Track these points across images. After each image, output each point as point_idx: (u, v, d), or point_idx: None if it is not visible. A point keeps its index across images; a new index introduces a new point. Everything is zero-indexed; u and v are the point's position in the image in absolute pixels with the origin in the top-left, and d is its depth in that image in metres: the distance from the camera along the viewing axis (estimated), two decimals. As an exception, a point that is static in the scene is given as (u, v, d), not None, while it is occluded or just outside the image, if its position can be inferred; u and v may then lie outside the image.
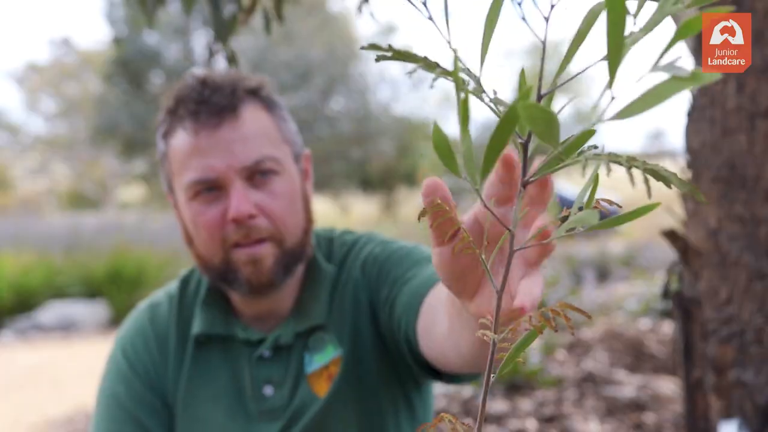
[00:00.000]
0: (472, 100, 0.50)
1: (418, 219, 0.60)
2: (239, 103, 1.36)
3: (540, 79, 0.53)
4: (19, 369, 6.61)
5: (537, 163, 0.56)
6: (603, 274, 8.15)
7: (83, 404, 5.16)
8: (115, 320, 8.64)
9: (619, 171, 0.53)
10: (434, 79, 0.52)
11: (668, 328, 4.47)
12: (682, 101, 1.97)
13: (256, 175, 1.34)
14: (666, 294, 2.09)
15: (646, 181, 0.49)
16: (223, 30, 2.07)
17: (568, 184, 19.12)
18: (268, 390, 1.41)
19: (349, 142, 20.47)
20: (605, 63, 0.46)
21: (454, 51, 0.50)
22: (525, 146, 0.54)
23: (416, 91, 23.08)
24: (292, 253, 1.38)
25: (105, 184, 27.57)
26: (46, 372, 6.43)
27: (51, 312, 8.66)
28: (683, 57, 0.43)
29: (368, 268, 1.44)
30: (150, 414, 1.43)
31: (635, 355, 4.05)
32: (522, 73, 0.50)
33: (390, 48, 0.53)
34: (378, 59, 0.54)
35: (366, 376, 1.40)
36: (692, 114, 1.92)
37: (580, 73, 0.52)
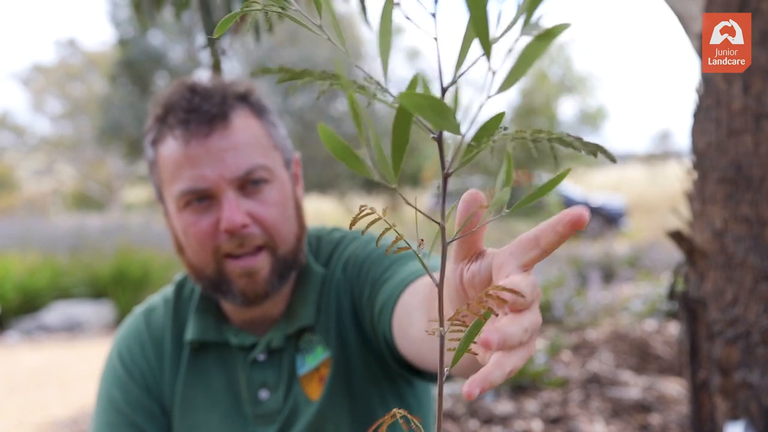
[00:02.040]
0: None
1: (350, 226, 0.59)
2: (229, 111, 1.34)
3: (440, 75, 0.52)
4: (24, 370, 6.62)
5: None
6: (608, 275, 8.13)
7: (88, 405, 5.16)
8: (121, 321, 8.65)
9: (623, 173, 0.53)
10: (322, 91, 0.52)
11: (674, 329, 4.46)
12: (688, 102, 1.97)
13: (248, 184, 1.33)
14: (672, 295, 2.09)
15: (552, 149, 0.51)
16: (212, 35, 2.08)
17: (573, 185, 19.10)
18: (264, 394, 1.41)
19: (354, 143, 20.46)
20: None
21: (340, 59, 0.50)
22: (438, 140, 0.54)
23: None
24: (286, 261, 1.38)
25: (110, 185, 27.64)
26: (51, 373, 6.44)
27: (56, 313, 8.67)
28: (542, 18, 0.45)
29: (349, 269, 1.43)
30: (147, 418, 1.43)
31: (641, 356, 4.04)
32: (413, 79, 0.50)
33: (281, 69, 0.53)
34: (279, 82, 0.53)
35: (355, 377, 1.40)
36: (698, 115, 1.92)
37: (470, 66, 0.52)
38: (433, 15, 0.51)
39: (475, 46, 0.52)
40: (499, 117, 0.51)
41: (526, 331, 0.55)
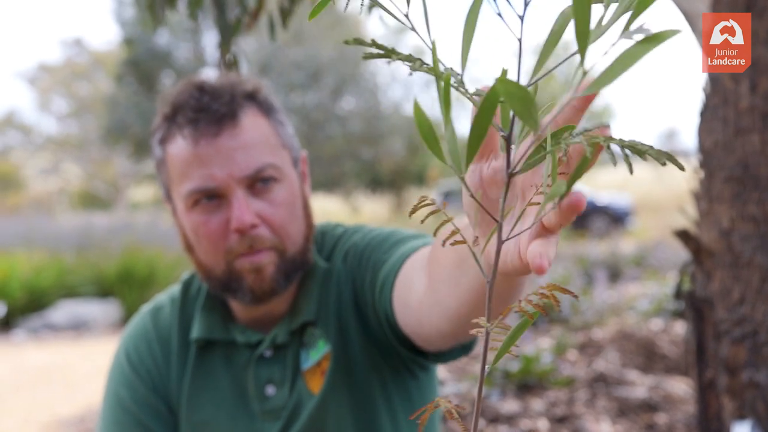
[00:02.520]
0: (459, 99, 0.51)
1: (409, 215, 0.60)
2: (238, 110, 1.34)
3: (518, 76, 0.53)
4: (31, 368, 6.64)
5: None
6: (614, 274, 8.12)
7: (94, 404, 5.17)
8: (127, 320, 8.67)
9: (629, 172, 0.54)
10: (413, 70, 0.53)
11: (680, 328, 4.45)
12: (695, 100, 1.97)
13: (257, 183, 1.33)
14: (678, 294, 2.08)
15: (627, 157, 0.51)
16: (227, 33, 2.08)
17: (586, 187, 19.04)
18: (270, 390, 1.42)
19: (359, 141, 20.49)
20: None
21: (432, 45, 0.50)
22: (508, 139, 0.54)
23: (428, 90, 23.06)
24: (293, 262, 1.38)
25: (116, 184, 27.70)
26: (57, 371, 6.46)
27: (62, 311, 8.69)
28: (646, 24, 0.46)
29: (349, 259, 1.43)
30: (154, 417, 1.43)
31: (647, 356, 4.03)
32: (504, 70, 0.50)
33: (374, 43, 0.53)
34: (365, 57, 0.54)
35: (356, 369, 1.40)
36: (705, 114, 1.91)
37: (554, 68, 0.53)
38: (521, 17, 0.52)
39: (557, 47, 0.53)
40: (570, 128, 0.52)
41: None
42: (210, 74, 1.50)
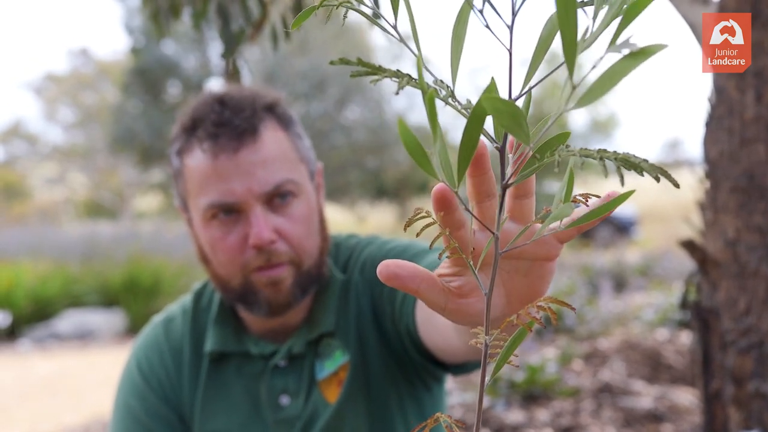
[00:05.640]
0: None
1: (404, 229, 0.60)
2: (259, 124, 1.34)
3: (510, 86, 0.53)
4: (36, 378, 6.64)
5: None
6: (620, 284, 8.10)
7: (100, 413, 5.17)
8: (132, 329, 8.68)
9: (635, 181, 0.54)
10: (400, 87, 0.52)
11: (686, 338, 4.44)
12: (700, 110, 1.96)
13: (275, 198, 1.33)
14: (684, 304, 2.08)
15: (619, 169, 0.50)
16: (231, 44, 2.09)
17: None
18: (284, 400, 1.41)
19: (364, 151, 20.49)
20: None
21: (418, 60, 0.50)
22: (501, 150, 0.54)
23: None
24: (309, 275, 1.38)
25: (122, 194, 27.72)
26: (62, 381, 6.46)
27: (68, 321, 8.70)
28: (634, 36, 0.45)
29: (367, 270, 1.44)
30: (165, 427, 1.43)
31: (653, 366, 4.02)
32: (492, 80, 0.50)
33: (359, 61, 0.53)
34: (353, 75, 0.54)
35: (373, 379, 1.40)
36: (710, 124, 1.91)
37: (544, 78, 0.53)
38: (510, 27, 0.52)
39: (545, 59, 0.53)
40: (565, 135, 0.52)
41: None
42: (230, 86, 1.49)
